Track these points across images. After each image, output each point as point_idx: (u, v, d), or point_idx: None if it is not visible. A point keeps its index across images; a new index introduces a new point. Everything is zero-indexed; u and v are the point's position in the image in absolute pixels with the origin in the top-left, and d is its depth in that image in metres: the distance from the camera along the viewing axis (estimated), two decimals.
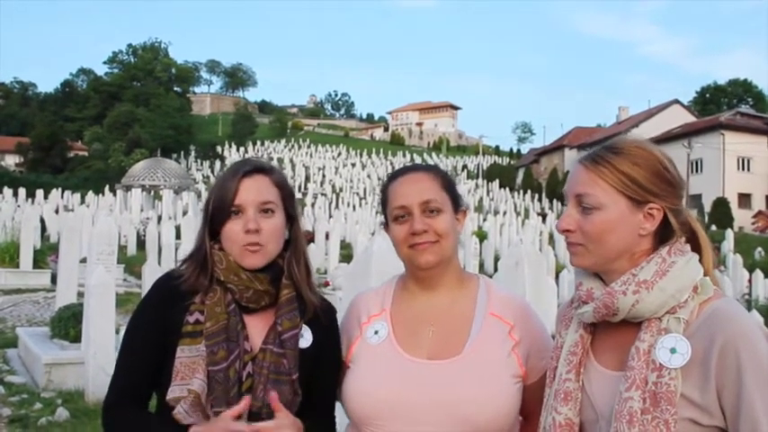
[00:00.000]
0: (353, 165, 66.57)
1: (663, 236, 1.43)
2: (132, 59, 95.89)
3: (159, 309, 1.66)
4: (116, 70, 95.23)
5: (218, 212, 1.65)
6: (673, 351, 1.31)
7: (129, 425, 1.62)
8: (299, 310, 1.67)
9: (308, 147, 78.99)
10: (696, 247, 1.45)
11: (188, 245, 1.91)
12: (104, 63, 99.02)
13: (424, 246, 1.65)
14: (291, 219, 1.74)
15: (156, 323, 1.64)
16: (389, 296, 1.76)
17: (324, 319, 1.74)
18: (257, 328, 1.65)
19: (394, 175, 1.75)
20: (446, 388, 1.57)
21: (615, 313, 1.39)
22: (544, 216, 37.51)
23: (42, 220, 21.45)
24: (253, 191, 1.65)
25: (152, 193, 37.34)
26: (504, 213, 37.79)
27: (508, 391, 1.58)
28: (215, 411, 1.55)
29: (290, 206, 1.73)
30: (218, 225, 1.66)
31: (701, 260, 1.43)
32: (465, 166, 72.46)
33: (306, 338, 1.68)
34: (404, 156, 76.44)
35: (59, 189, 41.83)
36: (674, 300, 1.35)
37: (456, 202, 1.72)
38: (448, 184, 1.72)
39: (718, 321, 1.31)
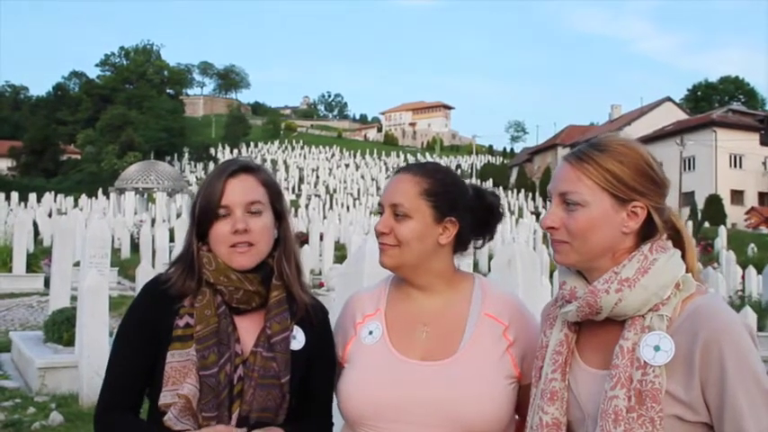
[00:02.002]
0: (347, 165, 66.49)
1: (645, 234, 1.44)
2: (124, 62, 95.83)
3: (148, 314, 1.64)
4: (108, 73, 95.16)
5: (204, 214, 1.64)
6: (656, 348, 1.32)
7: (121, 431, 1.61)
8: (290, 311, 1.66)
9: (302, 148, 78.91)
10: (680, 245, 1.46)
11: (181, 247, 1.93)
12: (96, 66, 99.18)
13: (384, 247, 1.66)
14: (280, 217, 1.72)
15: (145, 328, 1.63)
16: (384, 296, 1.75)
17: (316, 320, 1.73)
18: (248, 330, 1.64)
19: (395, 171, 1.75)
20: (439, 389, 1.57)
21: (598, 312, 1.39)
22: (538, 215, 37.55)
23: (35, 224, 21.34)
24: (239, 191, 1.64)
25: (145, 195, 37.19)
26: None
27: (501, 391, 1.58)
28: (204, 417, 1.54)
29: (278, 205, 1.72)
30: (206, 227, 1.64)
31: (684, 257, 1.44)
32: (458, 166, 72.45)
33: (298, 340, 1.67)
34: (397, 156, 76.46)
35: (52, 192, 41.66)
36: (657, 297, 1.36)
37: (441, 211, 1.65)
38: (434, 191, 1.64)
39: (700, 317, 1.32)
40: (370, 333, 1.69)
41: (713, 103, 74.66)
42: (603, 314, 1.40)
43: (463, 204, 1.69)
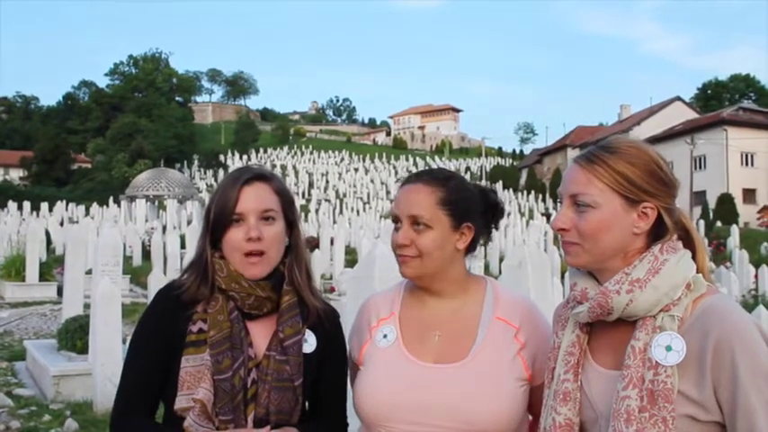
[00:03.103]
0: (356, 170, 66.66)
1: (656, 235, 1.44)
2: (133, 70, 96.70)
3: (161, 320, 1.67)
4: (117, 82, 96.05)
5: (218, 220, 1.66)
6: (668, 349, 1.32)
7: None
8: (302, 315, 1.69)
9: (311, 153, 79.21)
10: (690, 246, 1.46)
11: (193, 254, 1.95)
12: (106, 75, 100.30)
13: (405, 259, 1.68)
14: (291, 225, 1.75)
15: (158, 334, 1.65)
16: (399, 300, 1.78)
17: (327, 324, 1.75)
18: (261, 334, 1.67)
19: (404, 180, 1.76)
20: (451, 391, 1.59)
21: (610, 312, 1.40)
22: (548, 216, 37.44)
23: (47, 233, 21.48)
24: (253, 199, 1.66)
25: (156, 203, 37.40)
26: (509, 214, 37.68)
27: (513, 394, 1.60)
28: (221, 420, 1.57)
29: (290, 213, 1.74)
30: (220, 233, 1.66)
31: (694, 258, 1.44)
32: (468, 169, 72.45)
33: (310, 343, 1.70)
34: (407, 160, 76.56)
35: (64, 201, 42.05)
36: (668, 297, 1.36)
37: (458, 218, 1.68)
38: (450, 199, 1.67)
39: (711, 317, 1.32)
40: (385, 336, 1.72)
41: (723, 101, 74.14)
42: (615, 315, 1.40)
43: (475, 208, 1.72)
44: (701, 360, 1.30)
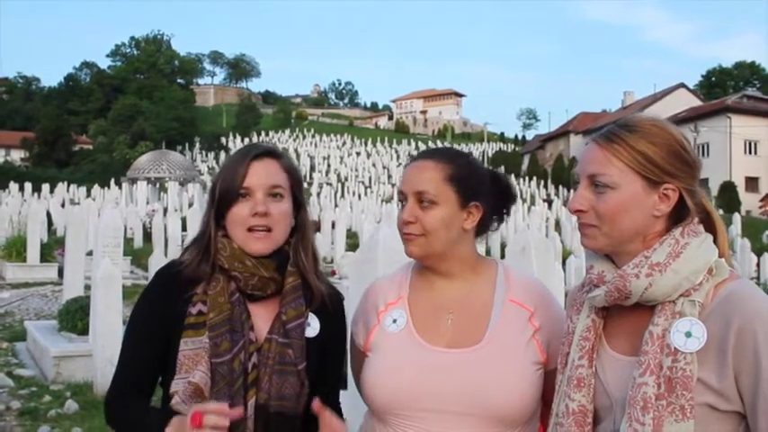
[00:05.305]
0: (358, 154, 66.49)
1: (676, 217, 1.38)
2: (135, 52, 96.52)
3: (160, 299, 1.62)
4: (119, 63, 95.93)
5: (225, 195, 1.61)
6: (688, 335, 1.27)
7: (130, 416, 1.58)
8: (306, 298, 1.64)
9: (313, 136, 78.93)
10: (710, 229, 1.40)
11: (197, 231, 1.91)
12: (107, 56, 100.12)
13: (410, 237, 1.62)
14: (299, 205, 1.70)
15: (157, 315, 1.61)
16: (406, 283, 1.72)
17: (331, 308, 1.70)
18: (263, 317, 1.62)
19: (411, 158, 1.72)
20: (466, 376, 1.54)
21: (628, 297, 1.35)
22: (550, 202, 37.49)
23: (49, 214, 21.46)
24: (262, 174, 1.62)
25: (157, 185, 37.37)
26: None
27: (529, 378, 1.56)
28: None
29: (298, 192, 1.69)
30: (225, 208, 1.61)
31: (715, 242, 1.38)
32: (470, 154, 72.22)
33: (313, 327, 1.65)
34: (408, 144, 76.40)
35: (65, 183, 41.97)
36: (689, 282, 1.31)
37: (466, 197, 1.63)
38: (457, 177, 1.62)
39: (734, 303, 1.27)
40: (394, 321, 1.66)
41: (728, 88, 73.91)
42: (633, 299, 1.35)
43: (484, 188, 1.67)
44: (723, 347, 1.25)
